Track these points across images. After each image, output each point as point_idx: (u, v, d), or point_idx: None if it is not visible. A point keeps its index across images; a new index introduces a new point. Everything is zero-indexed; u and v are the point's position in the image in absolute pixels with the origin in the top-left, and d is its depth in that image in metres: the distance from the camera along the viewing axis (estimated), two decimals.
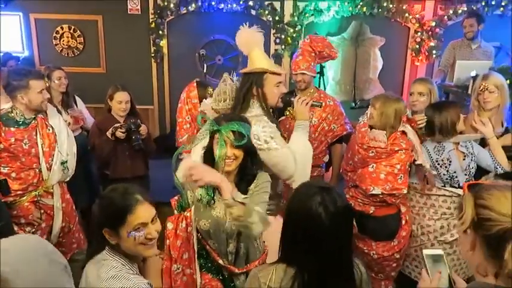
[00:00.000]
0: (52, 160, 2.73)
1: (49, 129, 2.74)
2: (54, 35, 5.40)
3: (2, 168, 2.57)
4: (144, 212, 1.51)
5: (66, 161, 2.81)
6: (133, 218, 1.47)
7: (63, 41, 5.41)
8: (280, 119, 2.80)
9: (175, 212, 2.04)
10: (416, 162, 2.60)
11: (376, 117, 2.59)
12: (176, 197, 2.09)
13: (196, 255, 1.95)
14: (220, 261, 1.99)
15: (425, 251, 1.37)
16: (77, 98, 3.99)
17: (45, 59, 5.36)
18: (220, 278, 2.03)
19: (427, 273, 1.31)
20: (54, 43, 5.42)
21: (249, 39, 2.48)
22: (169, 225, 1.95)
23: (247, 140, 1.86)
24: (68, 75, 3.96)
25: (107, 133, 3.16)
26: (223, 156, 1.83)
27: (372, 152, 2.59)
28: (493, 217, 1.07)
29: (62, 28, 5.37)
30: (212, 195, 1.93)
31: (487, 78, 2.84)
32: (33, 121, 2.68)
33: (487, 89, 2.81)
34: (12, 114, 2.62)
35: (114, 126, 3.15)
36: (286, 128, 2.95)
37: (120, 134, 3.13)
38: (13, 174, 2.60)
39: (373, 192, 2.56)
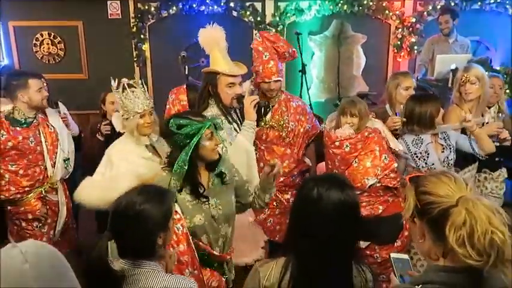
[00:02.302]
0: (55, 157, 2.88)
1: (51, 128, 2.91)
2: (34, 42, 5.32)
3: (10, 165, 2.71)
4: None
5: (69, 158, 2.97)
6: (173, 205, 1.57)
7: (43, 48, 5.33)
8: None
9: None
10: (390, 146, 2.64)
11: (358, 123, 2.63)
12: None
13: (196, 253, 1.98)
14: (215, 252, 2.06)
15: (393, 255, 1.46)
16: (60, 104, 3.94)
17: (26, 67, 5.27)
18: (213, 267, 2.10)
19: (394, 276, 1.39)
20: (34, 50, 5.35)
21: (207, 39, 2.54)
22: None
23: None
24: (49, 82, 3.91)
25: (97, 135, 3.16)
26: (214, 146, 1.98)
27: (346, 145, 2.60)
28: (432, 200, 1.15)
29: (41, 35, 5.30)
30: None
31: (468, 70, 2.89)
32: (35, 120, 2.82)
33: (468, 80, 2.86)
34: (13, 115, 2.75)
35: (103, 124, 3.16)
36: (262, 139, 2.90)
37: (104, 127, 3.10)
38: (21, 171, 2.74)
39: (370, 183, 2.55)
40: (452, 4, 5.11)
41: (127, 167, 2.28)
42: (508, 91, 3.56)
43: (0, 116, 2.74)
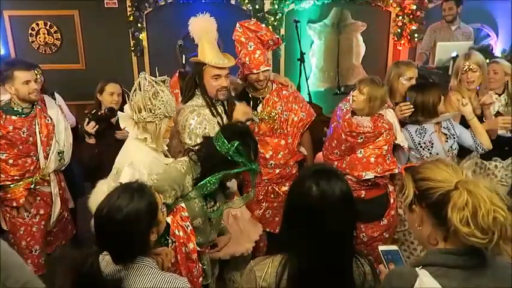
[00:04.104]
0: (49, 149, 2.85)
1: (48, 120, 2.87)
2: (30, 32, 5.24)
3: (0, 154, 2.73)
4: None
5: (63, 151, 2.93)
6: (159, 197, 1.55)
7: (39, 37, 5.26)
8: None
9: None
10: (396, 142, 2.61)
11: (363, 102, 2.55)
12: None
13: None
14: (207, 250, 2.12)
15: (381, 247, 1.48)
16: (56, 95, 3.90)
17: (22, 57, 5.19)
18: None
19: (384, 267, 1.40)
20: (30, 40, 5.27)
21: (197, 29, 2.49)
22: (179, 232, 1.93)
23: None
24: (46, 73, 3.87)
25: (86, 128, 2.94)
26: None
27: (361, 137, 2.56)
28: (431, 185, 1.19)
29: (37, 25, 5.22)
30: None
31: (469, 58, 2.85)
32: (32, 111, 2.80)
33: (470, 68, 2.82)
34: (11, 105, 2.75)
35: (85, 125, 2.95)
36: (255, 132, 2.83)
37: (89, 126, 2.93)
38: (10, 161, 2.76)
39: (366, 177, 2.54)
40: None
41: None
42: None
43: None
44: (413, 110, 2.63)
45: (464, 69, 2.85)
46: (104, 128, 3.01)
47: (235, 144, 1.90)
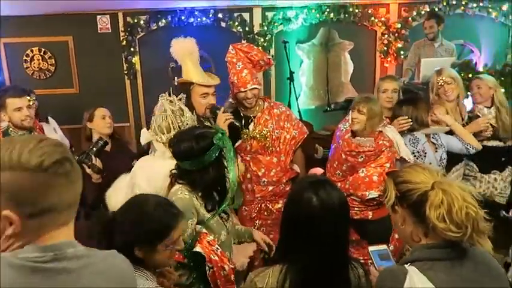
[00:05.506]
0: None
1: None
2: (25, 58, 5.32)
3: None
4: (183, 225, 1.59)
5: None
6: (177, 232, 1.50)
7: (34, 63, 5.34)
8: (236, 145, 2.71)
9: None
10: (401, 155, 2.65)
11: (365, 122, 2.59)
12: None
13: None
14: (232, 266, 2.05)
15: (371, 248, 1.56)
16: (50, 119, 3.96)
17: (17, 83, 5.27)
18: None
19: (374, 268, 1.47)
20: (25, 66, 5.35)
21: (179, 51, 2.58)
22: (214, 257, 1.88)
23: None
24: (40, 98, 3.93)
25: (97, 164, 2.63)
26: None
27: (361, 156, 2.59)
28: (410, 187, 1.30)
29: (32, 51, 5.31)
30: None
31: (441, 73, 3.00)
32: None
33: (445, 81, 2.96)
34: (8, 132, 2.70)
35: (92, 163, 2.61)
36: (247, 150, 2.91)
37: (98, 164, 2.64)
38: None
39: (370, 196, 2.58)
40: (436, 9, 5.21)
41: None
42: None
43: None
44: (411, 123, 2.71)
45: (440, 84, 2.98)
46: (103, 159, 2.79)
47: (212, 147, 1.82)
